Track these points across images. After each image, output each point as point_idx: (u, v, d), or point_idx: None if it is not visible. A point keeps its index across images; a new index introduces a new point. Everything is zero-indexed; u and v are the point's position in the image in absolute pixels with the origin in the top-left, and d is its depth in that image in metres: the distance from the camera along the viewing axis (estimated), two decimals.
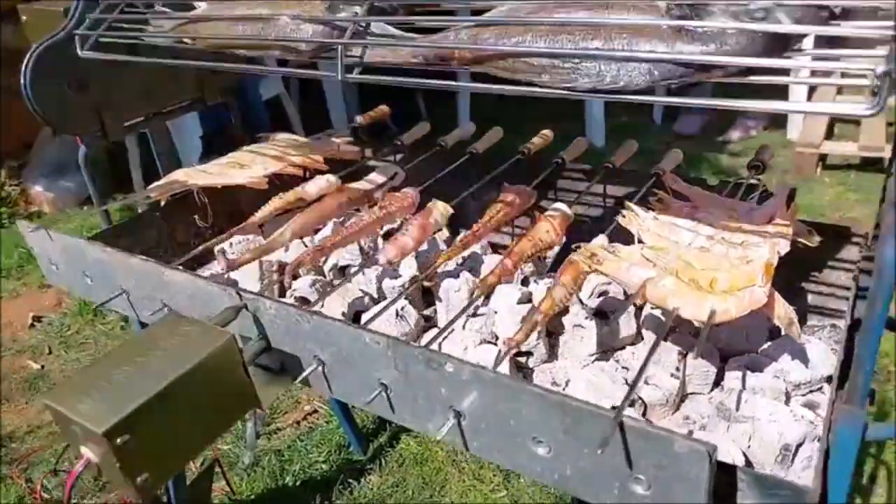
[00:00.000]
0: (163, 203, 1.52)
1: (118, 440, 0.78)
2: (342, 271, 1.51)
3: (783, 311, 0.97)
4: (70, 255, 1.24)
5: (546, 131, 1.69)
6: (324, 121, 4.56)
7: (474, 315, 1.31)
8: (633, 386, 0.77)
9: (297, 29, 0.99)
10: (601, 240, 1.11)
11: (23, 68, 1.32)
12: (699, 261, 0.98)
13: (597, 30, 0.85)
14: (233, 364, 0.91)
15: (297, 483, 2.27)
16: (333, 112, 4.49)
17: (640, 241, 1.06)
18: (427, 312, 1.39)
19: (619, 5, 0.85)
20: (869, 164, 3.83)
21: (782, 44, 0.81)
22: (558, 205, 1.27)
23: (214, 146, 3.41)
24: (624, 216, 1.12)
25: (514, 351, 0.97)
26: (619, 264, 0.97)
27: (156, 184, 1.49)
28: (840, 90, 4.16)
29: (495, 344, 1.26)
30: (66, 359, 3.09)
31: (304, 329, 0.95)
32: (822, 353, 1.12)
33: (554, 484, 0.82)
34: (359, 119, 1.86)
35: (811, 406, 1.10)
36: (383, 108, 1.92)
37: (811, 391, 1.13)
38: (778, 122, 4.32)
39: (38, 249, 1.30)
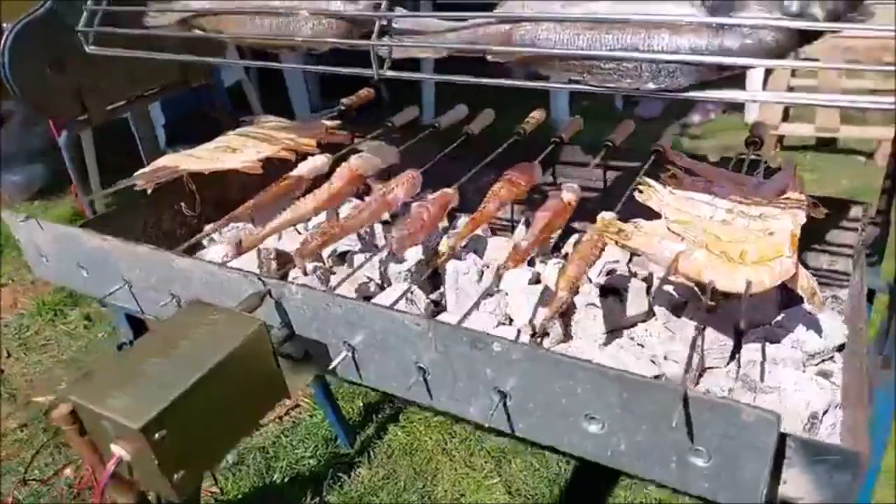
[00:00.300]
0: (149, 191, 1.45)
1: (155, 436, 0.74)
2: (342, 257, 1.48)
3: (806, 282, 0.98)
4: (63, 246, 1.18)
5: (537, 112, 1.68)
6: (284, 106, 4.46)
7: (486, 296, 1.29)
8: (689, 361, 0.76)
9: (320, 23, 0.96)
10: (609, 216, 1.11)
11: (1, 48, 1.24)
12: (725, 233, 0.99)
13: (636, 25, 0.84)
14: (264, 352, 0.87)
15: (285, 480, 2.22)
16: (295, 98, 4.40)
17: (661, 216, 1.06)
18: (433, 296, 1.37)
19: None
20: (823, 145, 3.96)
21: (810, 36, 0.82)
22: (571, 184, 1.26)
23: (178, 134, 3.30)
24: (641, 191, 1.11)
25: (549, 328, 0.96)
26: (649, 238, 0.97)
27: (142, 170, 1.42)
28: (794, 72, 4.28)
29: (509, 325, 1.25)
30: (26, 362, 2.96)
31: (334, 314, 0.92)
32: (834, 323, 1.14)
33: (606, 461, 0.81)
34: (345, 101, 1.82)
35: (824, 374, 1.12)
36: (368, 90, 1.88)
37: (823, 360, 1.15)
38: (735, 104, 4.42)
39: (24, 241, 1.23)
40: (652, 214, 1.08)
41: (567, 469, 2.18)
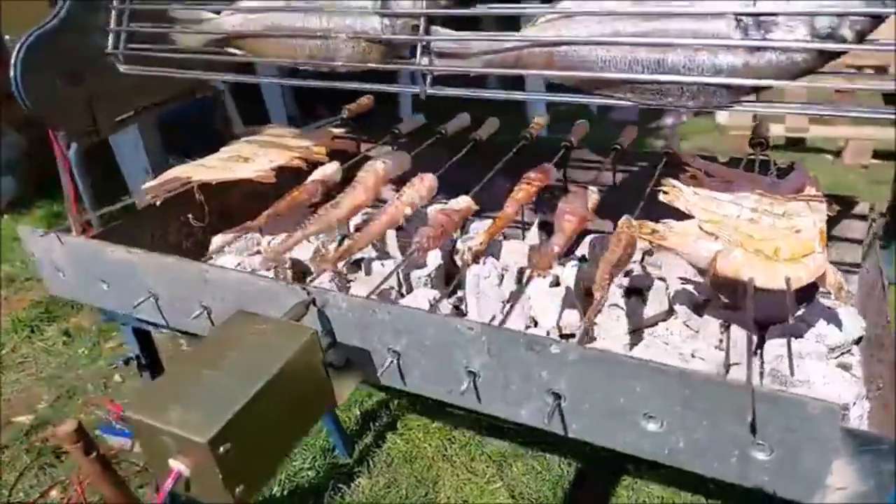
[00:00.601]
0: (158, 203, 1.42)
1: (220, 449, 0.73)
2: (357, 264, 1.47)
3: (834, 278, 1.01)
4: (83, 260, 1.15)
5: (539, 119, 1.70)
6: (260, 117, 4.43)
7: (509, 301, 1.30)
8: (751, 356, 0.78)
9: (359, 45, 0.96)
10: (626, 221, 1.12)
11: (13, 60, 1.21)
12: (755, 232, 1.01)
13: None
14: (315, 361, 0.86)
15: (285, 493, 2.19)
16: (272, 109, 4.37)
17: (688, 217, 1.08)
18: (451, 301, 1.37)
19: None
20: (792, 144, 4.07)
21: (836, 54, 0.87)
22: (591, 188, 1.27)
23: (171, 144, 3.25)
24: (667, 193, 1.13)
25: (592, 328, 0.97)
26: (684, 238, 0.98)
27: (151, 182, 1.40)
28: None
29: (535, 328, 1.25)
30: (3, 380, 2.87)
31: (381, 321, 0.91)
32: (852, 317, 1.17)
33: (663, 459, 0.82)
34: (345, 110, 1.81)
35: (844, 367, 1.15)
36: (368, 98, 1.87)
37: (842, 353, 1.18)
38: None
39: (39, 256, 1.20)
40: (664, 215, 1.10)
41: (569, 471, 2.19)
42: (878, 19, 0.88)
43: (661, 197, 1.15)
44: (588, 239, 1.42)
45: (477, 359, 0.87)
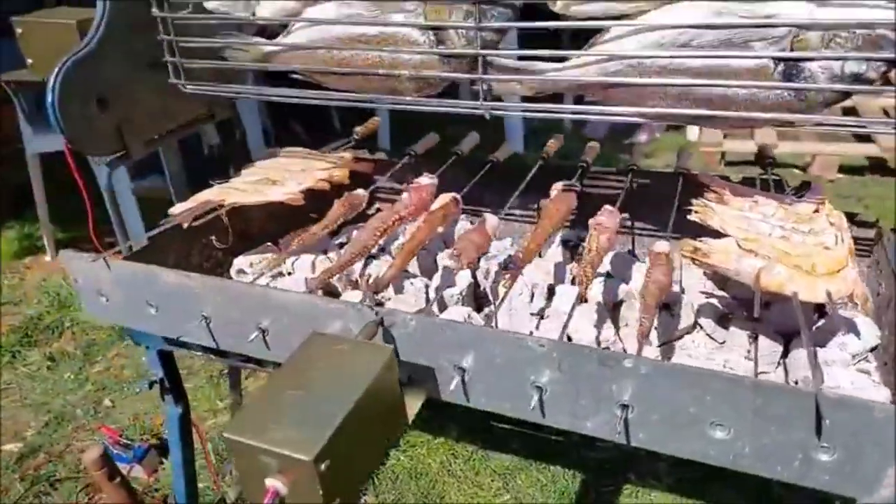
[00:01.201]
0: (185, 225, 1.43)
1: (322, 466, 0.76)
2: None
3: (860, 290, 1.08)
4: (131, 285, 1.15)
5: (553, 140, 1.76)
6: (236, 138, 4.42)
7: (540, 317, 1.35)
8: (814, 365, 0.83)
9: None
10: (665, 245, 1.19)
11: (50, 87, 1.22)
12: (789, 249, 1.07)
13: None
14: (393, 379, 0.89)
15: None
16: (248, 124, 4.35)
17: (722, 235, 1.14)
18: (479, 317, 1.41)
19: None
20: (760, 160, 4.22)
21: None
22: (611, 208, 1.33)
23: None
24: (698, 212, 1.20)
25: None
26: (727, 256, 1.04)
27: (182, 205, 1.41)
28: None
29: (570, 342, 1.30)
30: None
31: (448, 339, 0.95)
32: (868, 326, 1.25)
33: (727, 464, 0.87)
34: (357, 132, 1.85)
35: (864, 373, 1.22)
36: (376, 119, 1.91)
37: (860, 360, 1.26)
38: (676, 125, 4.66)
39: (82, 282, 1.20)
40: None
41: (574, 483, 2.24)
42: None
43: (693, 216, 1.21)
44: (610, 256, 1.47)
45: (546, 374, 0.91)
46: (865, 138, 3.97)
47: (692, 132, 4.52)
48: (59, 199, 4.10)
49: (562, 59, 1.08)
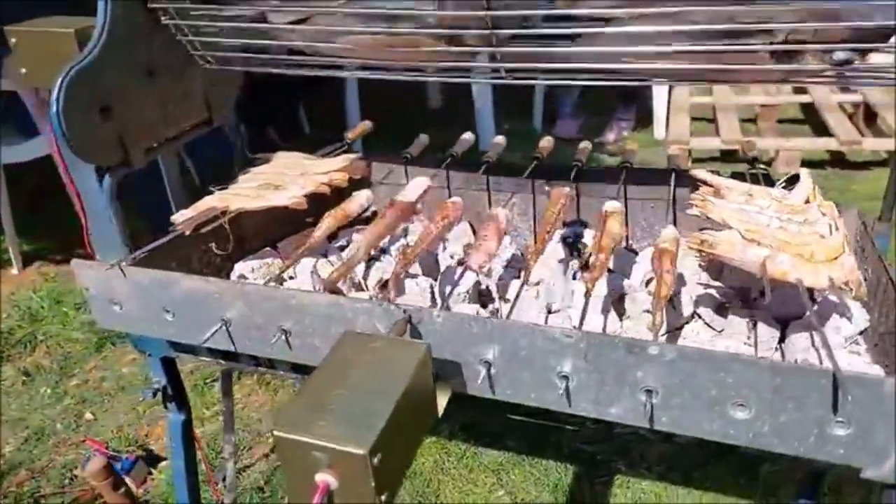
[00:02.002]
0: (187, 233, 1.43)
1: (375, 459, 0.78)
2: (386, 285, 1.52)
3: (855, 276, 1.14)
4: (147, 292, 1.15)
5: (548, 138, 1.80)
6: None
7: (550, 313, 1.39)
8: (832, 353, 0.89)
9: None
10: (672, 232, 1.24)
11: (54, 96, 1.21)
12: (789, 238, 1.13)
13: None
14: (428, 373, 0.92)
15: None
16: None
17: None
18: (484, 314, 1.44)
19: None
20: (727, 155, 4.35)
21: None
22: (614, 203, 1.37)
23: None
24: (699, 206, 1.25)
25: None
26: (733, 246, 1.10)
27: (185, 212, 1.41)
28: (691, 91, 4.69)
29: None
30: None
31: (476, 333, 0.98)
32: (858, 310, 1.32)
33: (745, 442, 0.92)
34: (348, 136, 1.86)
35: (855, 354, 1.29)
36: (367, 123, 1.93)
37: (851, 343, 1.32)
38: (644, 123, 4.77)
39: (95, 290, 1.19)
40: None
41: (567, 476, 2.29)
42: None
43: (694, 210, 1.26)
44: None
45: (571, 364, 0.95)
46: (825, 133, 4.12)
47: (658, 130, 4.63)
48: (24, 212, 4.02)
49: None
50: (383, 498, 0.81)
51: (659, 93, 4.54)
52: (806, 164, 4.09)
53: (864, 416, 0.85)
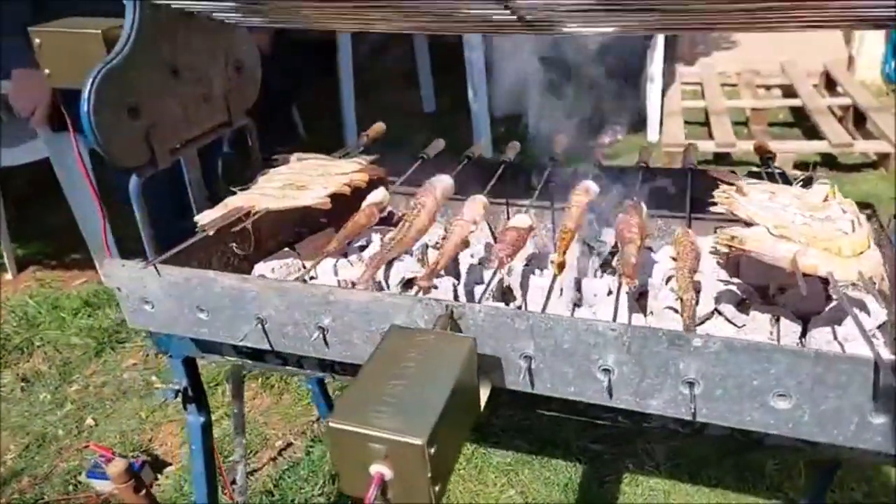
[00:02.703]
0: (211, 233, 1.43)
1: (432, 449, 0.79)
2: (409, 284, 1.53)
3: (880, 270, 1.17)
4: (182, 291, 1.16)
5: (562, 135, 1.82)
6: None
7: (575, 306, 1.40)
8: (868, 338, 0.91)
9: None
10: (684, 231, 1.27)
11: (85, 96, 1.21)
12: (816, 233, 1.16)
13: None
14: (473, 367, 0.93)
15: None
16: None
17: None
18: None
19: None
20: (720, 158, 4.40)
21: None
22: (635, 203, 1.39)
23: None
24: (724, 203, 1.27)
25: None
26: (762, 242, 1.12)
27: (209, 213, 1.42)
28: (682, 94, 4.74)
29: None
30: None
31: (517, 328, 0.99)
32: (876, 306, 1.35)
33: (785, 432, 0.94)
34: (364, 138, 1.87)
35: None
36: (380, 125, 1.94)
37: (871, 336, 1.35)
38: (637, 127, 4.82)
39: (127, 289, 1.19)
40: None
41: (577, 475, 2.30)
42: None
43: (719, 207, 1.28)
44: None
45: (613, 357, 0.97)
46: (816, 136, 4.18)
47: (651, 133, 4.68)
48: (16, 217, 3.98)
49: None
50: (437, 489, 0.82)
51: (652, 96, 4.59)
52: (798, 166, 4.15)
53: None
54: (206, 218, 1.40)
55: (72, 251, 3.79)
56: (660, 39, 4.29)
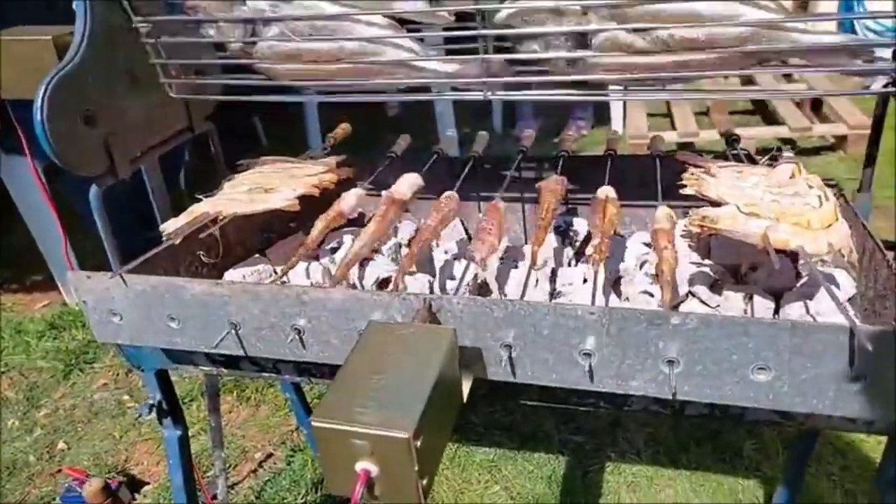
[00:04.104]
0: (178, 241, 1.40)
1: (418, 443, 0.78)
2: (384, 283, 1.51)
3: (848, 242, 1.19)
4: (150, 300, 1.13)
5: (530, 131, 1.81)
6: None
7: (555, 296, 1.40)
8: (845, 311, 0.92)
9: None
10: (666, 211, 1.27)
11: (38, 104, 1.17)
12: (785, 209, 1.17)
13: None
14: (455, 358, 0.92)
15: None
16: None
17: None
18: None
19: None
20: (684, 147, 4.45)
21: None
22: (608, 188, 1.40)
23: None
24: (693, 184, 1.28)
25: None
26: (734, 220, 1.13)
27: (176, 220, 1.39)
28: None
29: None
30: None
31: (496, 318, 0.98)
32: (846, 277, 1.37)
33: (765, 404, 0.95)
34: (330, 139, 1.85)
35: None
36: (346, 125, 1.92)
37: None
38: (602, 120, 4.86)
39: (93, 302, 1.16)
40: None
41: (560, 467, 2.30)
42: None
43: (688, 189, 1.29)
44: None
45: (593, 340, 0.96)
46: (775, 122, 4.26)
47: (616, 126, 4.73)
48: None
49: None
50: (424, 483, 0.81)
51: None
52: (760, 152, 4.22)
53: (878, 369, 0.88)
54: (171, 226, 1.37)
55: (32, 273, 3.70)
56: None
